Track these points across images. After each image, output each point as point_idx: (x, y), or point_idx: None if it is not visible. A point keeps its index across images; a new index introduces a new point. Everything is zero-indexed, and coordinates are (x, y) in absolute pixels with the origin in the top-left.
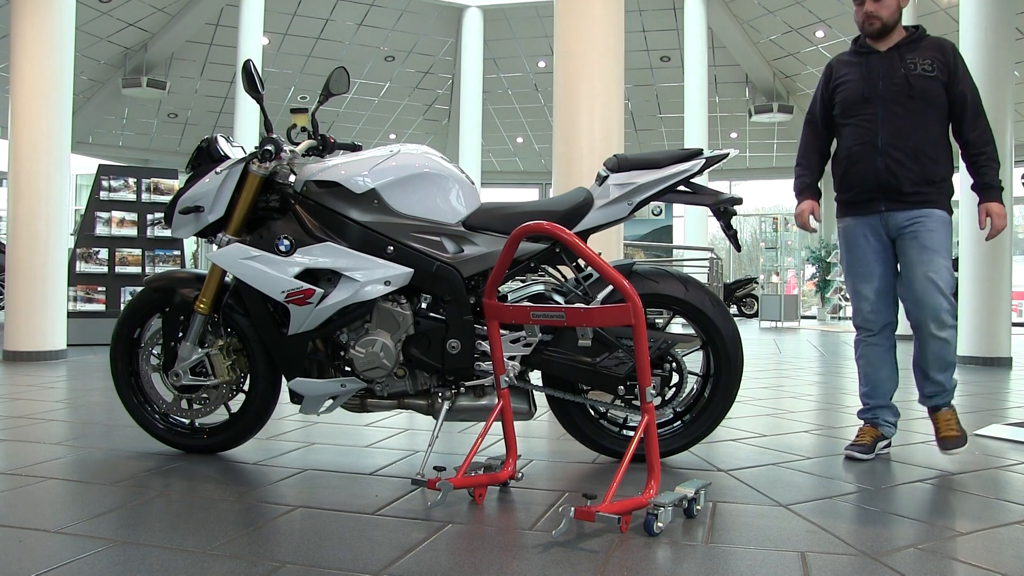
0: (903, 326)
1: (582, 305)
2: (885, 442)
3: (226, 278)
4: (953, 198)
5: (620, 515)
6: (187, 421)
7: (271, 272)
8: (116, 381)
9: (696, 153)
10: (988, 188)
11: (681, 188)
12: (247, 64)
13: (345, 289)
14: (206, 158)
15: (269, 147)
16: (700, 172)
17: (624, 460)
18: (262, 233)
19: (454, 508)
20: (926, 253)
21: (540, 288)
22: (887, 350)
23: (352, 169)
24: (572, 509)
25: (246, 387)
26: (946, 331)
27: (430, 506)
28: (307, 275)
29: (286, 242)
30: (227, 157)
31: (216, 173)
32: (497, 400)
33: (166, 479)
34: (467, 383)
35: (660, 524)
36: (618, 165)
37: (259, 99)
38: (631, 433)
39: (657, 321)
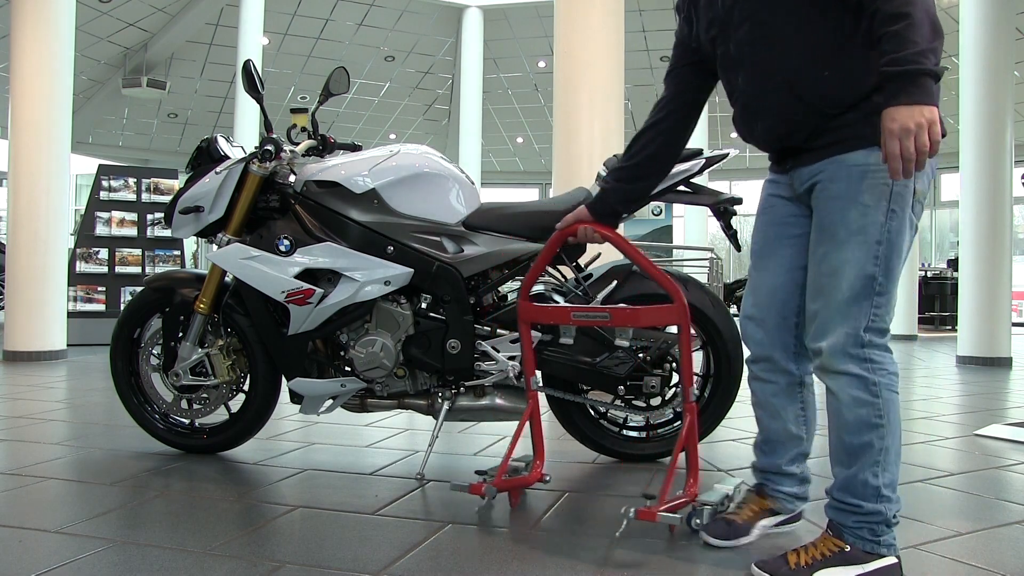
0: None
1: (626, 306)
2: (778, 519)
3: (226, 278)
4: (951, 191)
5: (679, 515)
6: (187, 421)
7: (271, 272)
8: (116, 381)
9: (696, 153)
10: (889, 79)
11: (681, 188)
12: (247, 64)
13: (345, 289)
14: (206, 158)
15: (269, 147)
16: (700, 172)
17: (674, 460)
18: (262, 233)
19: (454, 508)
20: (822, 239)
21: (540, 288)
22: (785, 388)
23: (352, 169)
24: (632, 510)
25: (246, 387)
26: (836, 378)
27: (477, 511)
28: (307, 275)
29: (286, 242)
30: (227, 157)
31: (216, 173)
32: (527, 401)
33: (166, 479)
34: (467, 383)
35: (698, 521)
36: None
37: (259, 99)
38: (631, 433)
39: None
